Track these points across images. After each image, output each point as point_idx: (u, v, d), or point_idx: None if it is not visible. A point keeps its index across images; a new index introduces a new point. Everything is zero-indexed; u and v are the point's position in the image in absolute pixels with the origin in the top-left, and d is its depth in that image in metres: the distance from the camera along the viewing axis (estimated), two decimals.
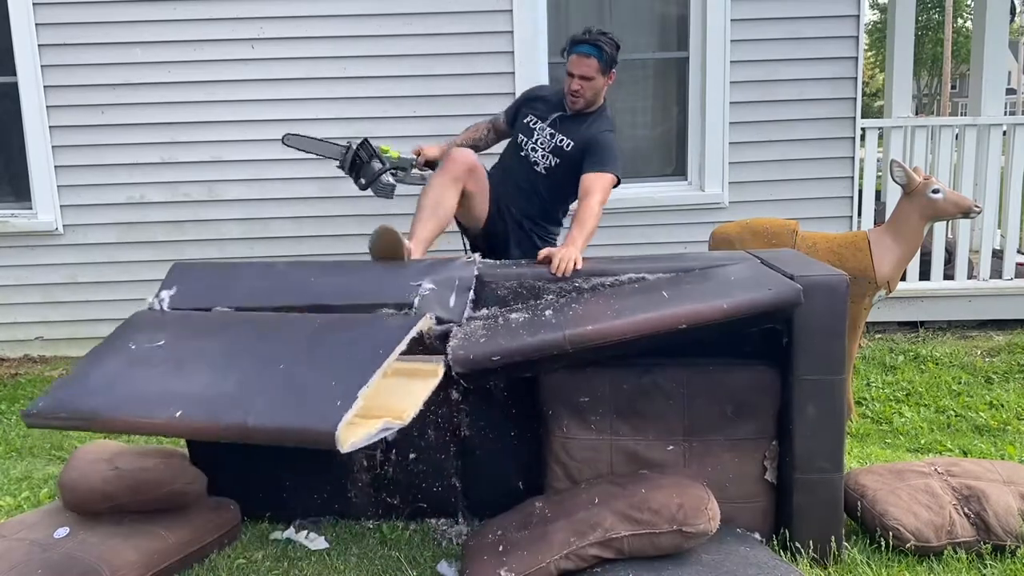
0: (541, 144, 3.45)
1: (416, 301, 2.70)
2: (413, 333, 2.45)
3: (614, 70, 3.40)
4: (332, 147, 3.55)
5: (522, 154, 3.49)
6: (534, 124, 3.48)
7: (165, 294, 2.93)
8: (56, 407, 2.41)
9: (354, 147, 3.47)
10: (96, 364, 2.53)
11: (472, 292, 2.79)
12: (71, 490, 2.60)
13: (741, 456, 2.63)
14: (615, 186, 3.31)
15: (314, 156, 3.63)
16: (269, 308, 2.78)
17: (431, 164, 3.57)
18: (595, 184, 3.22)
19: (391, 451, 2.86)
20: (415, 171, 3.56)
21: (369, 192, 3.50)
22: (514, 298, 2.84)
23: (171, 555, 2.56)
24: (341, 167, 3.51)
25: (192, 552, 2.63)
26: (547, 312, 2.67)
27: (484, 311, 2.79)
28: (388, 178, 3.46)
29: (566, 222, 3.58)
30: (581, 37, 3.32)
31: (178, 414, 2.25)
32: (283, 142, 3.59)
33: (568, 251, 2.90)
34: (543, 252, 2.97)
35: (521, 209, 3.51)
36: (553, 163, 3.43)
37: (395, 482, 2.90)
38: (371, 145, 3.50)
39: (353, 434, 2.10)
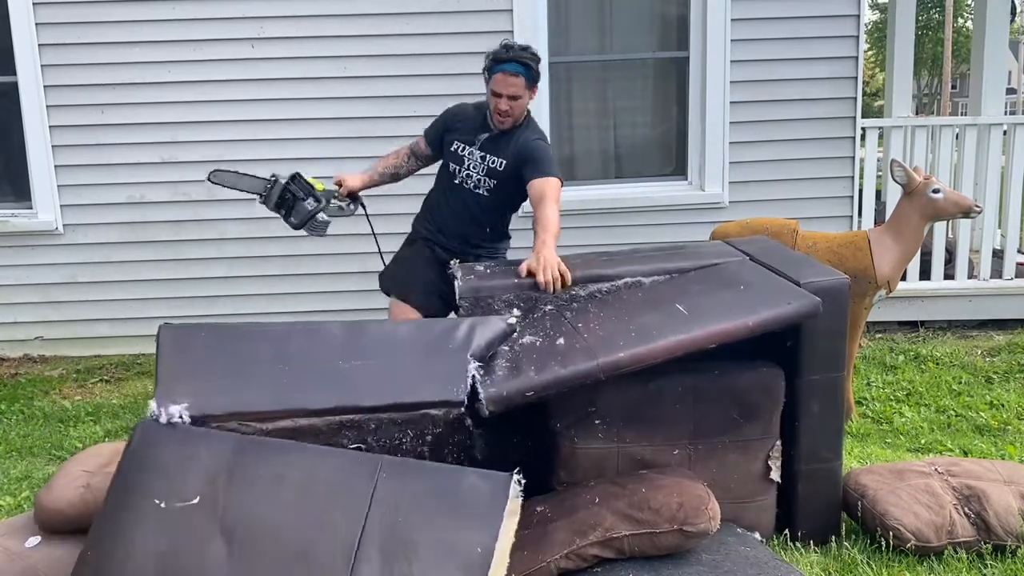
0: (474, 168, 3.35)
1: (465, 399, 2.46)
2: (510, 504, 2.21)
3: (537, 85, 3.27)
4: (255, 181, 3.39)
5: (456, 182, 3.39)
6: (463, 151, 3.36)
7: (176, 408, 2.34)
8: None
9: (282, 182, 3.32)
10: (121, 542, 2.08)
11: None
12: (40, 509, 2.53)
13: (746, 456, 2.65)
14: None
15: (239, 192, 3.49)
16: (303, 412, 2.42)
17: (352, 195, 3.49)
18: (547, 188, 3.15)
19: None
20: (335, 203, 3.44)
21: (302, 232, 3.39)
22: (507, 309, 2.78)
23: None
24: (265, 203, 3.35)
25: None
26: (561, 332, 2.60)
27: None
28: (323, 216, 3.35)
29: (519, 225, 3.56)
30: (505, 55, 3.16)
31: None
32: (208, 180, 3.47)
33: (547, 257, 2.85)
34: (523, 268, 2.88)
35: (467, 237, 3.44)
36: (491, 185, 3.34)
37: None
38: (304, 179, 3.36)
39: None
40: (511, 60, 3.15)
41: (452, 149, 3.39)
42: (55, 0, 4.89)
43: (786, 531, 2.81)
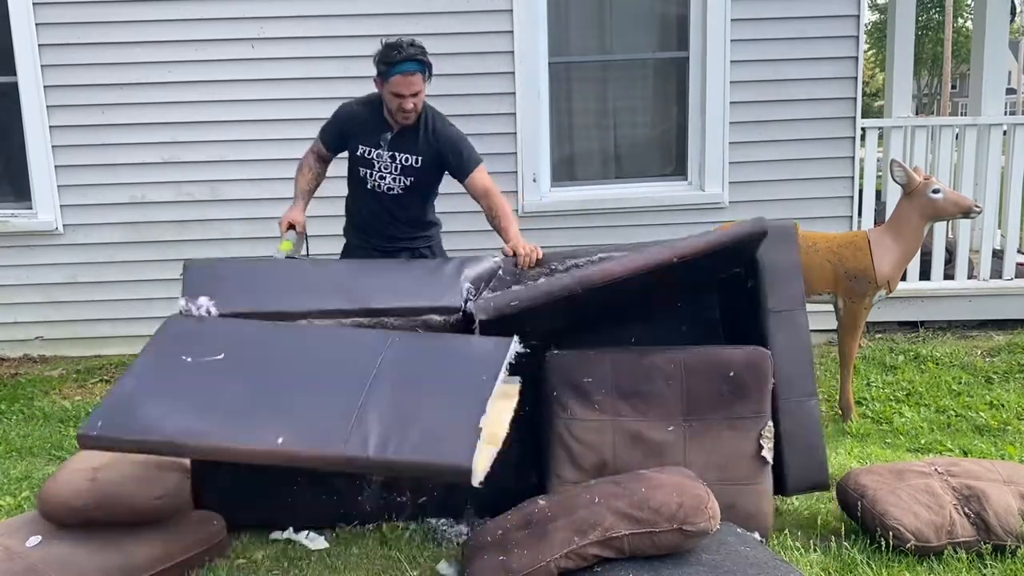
0: (387, 170, 3.34)
1: (466, 305, 2.83)
2: (510, 358, 2.46)
3: (431, 75, 3.30)
4: None
5: (369, 187, 3.38)
6: (370, 154, 3.34)
7: (205, 300, 2.68)
8: (122, 430, 2.21)
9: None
10: (152, 381, 2.35)
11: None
12: (44, 501, 2.55)
13: (739, 434, 2.76)
14: None
15: None
16: (318, 313, 2.73)
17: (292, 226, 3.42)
18: (486, 180, 3.28)
19: None
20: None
21: None
22: (503, 285, 3.04)
23: (139, 572, 2.48)
24: None
25: (165, 569, 2.54)
26: (543, 276, 2.97)
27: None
28: None
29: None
30: (399, 56, 3.13)
31: (279, 441, 2.13)
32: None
33: (525, 243, 3.09)
34: (508, 248, 3.11)
35: (394, 235, 3.45)
36: (408, 183, 3.35)
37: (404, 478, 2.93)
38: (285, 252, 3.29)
39: (479, 464, 2.09)
40: (407, 60, 3.13)
41: (358, 154, 3.37)
42: (55, 0, 4.89)
43: (786, 531, 2.82)
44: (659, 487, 2.39)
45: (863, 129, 5.21)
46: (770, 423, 2.78)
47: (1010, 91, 35.75)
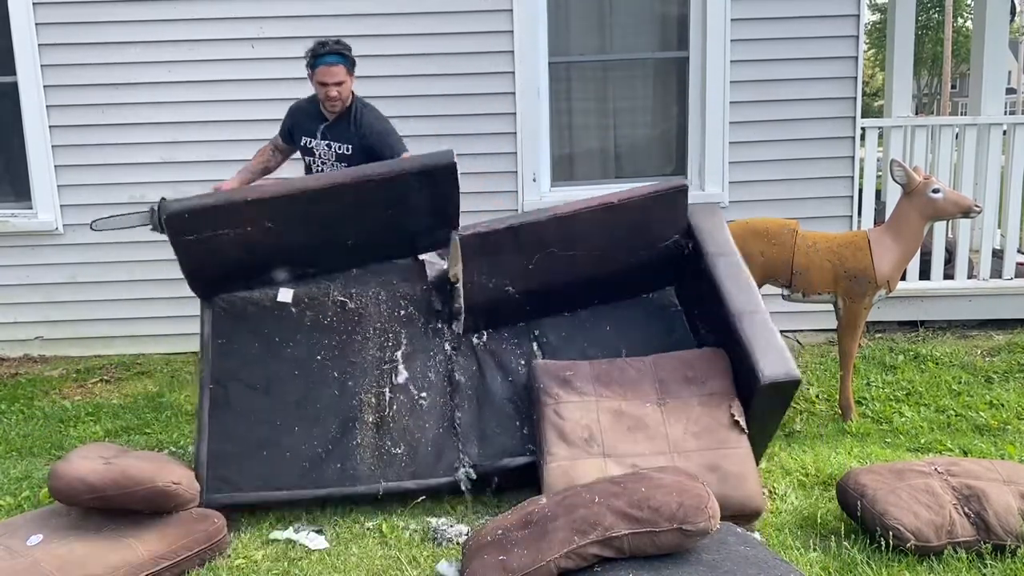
0: (325, 158, 3.69)
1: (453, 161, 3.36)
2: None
3: (354, 70, 3.67)
4: (138, 216, 3.39)
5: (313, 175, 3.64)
6: (311, 144, 3.71)
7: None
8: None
9: (156, 208, 3.27)
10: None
11: None
12: (58, 477, 2.55)
13: (710, 409, 3.06)
14: None
15: (129, 228, 3.49)
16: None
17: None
18: None
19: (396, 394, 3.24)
20: None
21: None
22: None
23: (141, 569, 2.49)
24: (155, 229, 3.31)
25: (166, 567, 2.56)
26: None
27: None
28: None
29: None
30: (322, 50, 3.52)
31: None
32: (92, 229, 3.51)
33: None
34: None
35: None
36: (343, 169, 3.55)
37: (398, 428, 3.17)
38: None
39: None
40: (328, 53, 3.52)
41: (302, 145, 3.75)
42: (55, 0, 4.89)
43: (786, 531, 2.82)
44: (659, 487, 2.39)
45: (863, 129, 5.21)
46: (736, 401, 3.05)
47: (1010, 91, 35.74)
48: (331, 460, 3.06)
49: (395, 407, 3.19)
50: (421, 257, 3.44)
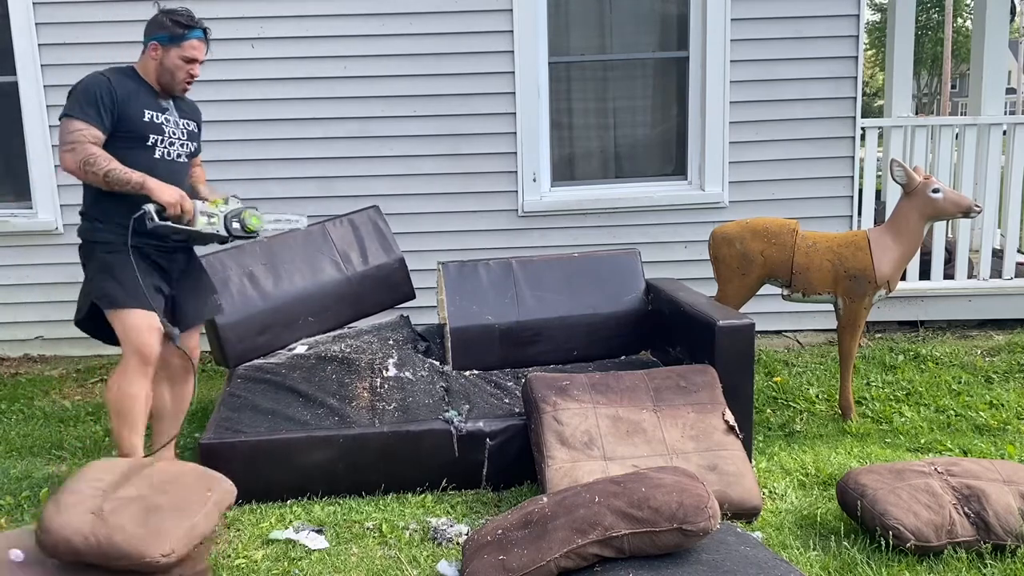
0: (176, 136, 3.21)
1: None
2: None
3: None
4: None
5: (157, 156, 3.16)
6: (159, 119, 3.16)
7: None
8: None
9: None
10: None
11: None
12: (46, 531, 2.35)
13: (703, 415, 3.16)
14: None
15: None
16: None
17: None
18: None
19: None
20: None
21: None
22: None
23: None
24: (225, 240, 3.17)
25: None
26: None
27: None
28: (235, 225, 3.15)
29: None
30: (192, 22, 3.11)
31: None
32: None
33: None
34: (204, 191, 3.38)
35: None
36: (192, 149, 3.28)
37: (391, 398, 3.52)
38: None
39: None
40: (200, 27, 3.13)
41: (146, 120, 3.13)
42: (55, 0, 4.89)
43: (786, 530, 2.82)
44: (659, 487, 2.39)
45: (863, 129, 5.22)
46: (727, 409, 3.16)
47: (1010, 91, 35.76)
48: (330, 416, 3.39)
49: (387, 387, 3.60)
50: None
